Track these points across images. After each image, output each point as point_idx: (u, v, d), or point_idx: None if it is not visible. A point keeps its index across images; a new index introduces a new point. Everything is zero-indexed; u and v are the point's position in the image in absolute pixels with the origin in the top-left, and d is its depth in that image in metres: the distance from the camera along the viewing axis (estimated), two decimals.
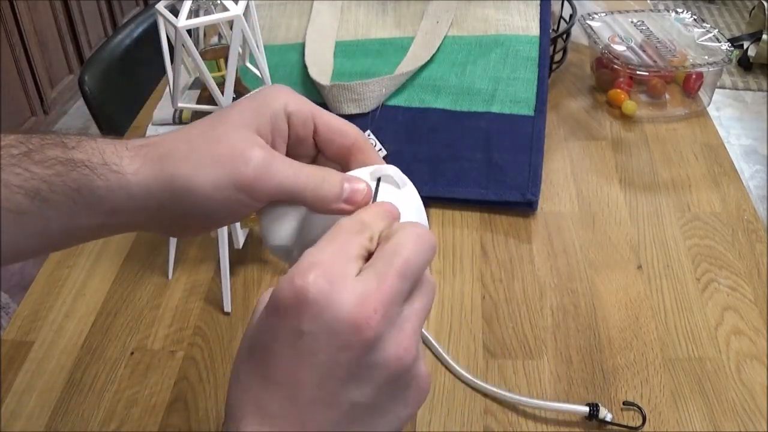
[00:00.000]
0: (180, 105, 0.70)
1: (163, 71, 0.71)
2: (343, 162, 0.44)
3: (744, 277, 0.77)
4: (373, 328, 0.33)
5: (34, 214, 0.39)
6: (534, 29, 0.98)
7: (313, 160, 0.45)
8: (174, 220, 0.42)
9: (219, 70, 0.75)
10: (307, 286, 0.32)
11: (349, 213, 0.40)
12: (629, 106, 1.01)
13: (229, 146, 0.40)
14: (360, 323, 0.33)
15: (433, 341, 0.70)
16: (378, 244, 0.36)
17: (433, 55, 0.98)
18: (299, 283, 0.33)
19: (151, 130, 0.96)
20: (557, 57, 1.08)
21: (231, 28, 0.68)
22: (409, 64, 0.97)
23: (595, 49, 1.06)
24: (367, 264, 0.35)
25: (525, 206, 0.85)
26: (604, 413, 0.63)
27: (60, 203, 0.40)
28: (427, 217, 0.44)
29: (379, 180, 0.42)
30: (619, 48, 1.03)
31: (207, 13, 0.68)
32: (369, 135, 0.58)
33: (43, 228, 0.40)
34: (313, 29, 1.03)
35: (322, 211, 0.41)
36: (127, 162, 0.40)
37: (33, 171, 0.39)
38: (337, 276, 0.33)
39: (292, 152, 0.44)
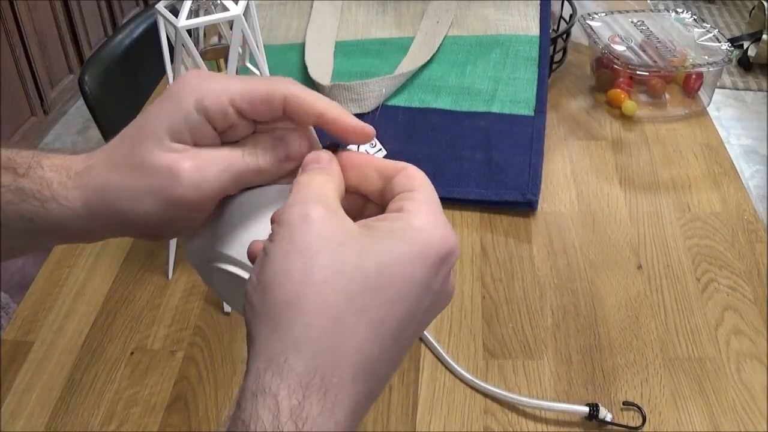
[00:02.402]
0: None
1: (163, 71, 0.71)
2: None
3: (744, 277, 0.77)
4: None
5: None
6: (534, 29, 0.98)
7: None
8: (128, 235, 0.42)
9: (219, 70, 0.75)
10: (454, 243, 0.34)
11: (294, 168, 0.40)
12: (629, 106, 1.01)
13: (155, 171, 0.38)
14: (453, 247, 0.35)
15: (433, 341, 0.70)
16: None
17: (433, 55, 0.98)
18: (452, 240, 0.34)
19: None
20: (557, 57, 1.08)
21: (231, 28, 0.68)
22: (409, 64, 0.97)
23: (595, 49, 1.06)
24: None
25: (525, 206, 0.85)
26: (604, 413, 0.63)
27: (18, 228, 0.40)
28: None
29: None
30: (619, 48, 1.03)
31: (207, 13, 0.68)
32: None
33: (7, 241, 0.41)
34: (313, 29, 1.03)
35: (269, 181, 0.40)
36: (73, 196, 0.39)
37: None
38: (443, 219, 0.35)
39: (242, 134, 0.41)
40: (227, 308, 0.74)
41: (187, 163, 0.38)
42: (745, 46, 2.97)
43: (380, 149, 0.82)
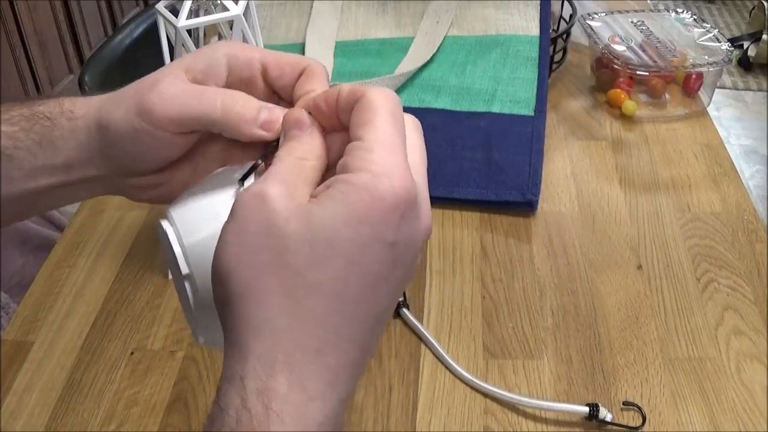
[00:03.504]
0: None
1: None
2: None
3: (744, 277, 0.77)
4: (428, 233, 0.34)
5: None
6: (534, 29, 0.99)
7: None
8: (111, 167, 0.42)
9: None
10: (405, 193, 0.30)
11: (265, 139, 0.38)
12: (629, 106, 1.01)
13: (144, 82, 0.39)
14: (428, 231, 0.33)
15: (433, 341, 0.70)
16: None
17: (433, 55, 0.98)
18: (401, 189, 0.30)
19: None
20: (557, 57, 1.08)
21: (231, 28, 0.68)
22: (409, 64, 0.97)
23: (595, 49, 1.06)
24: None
25: (525, 206, 0.85)
26: (604, 413, 0.63)
27: (23, 160, 0.40)
28: None
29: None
30: (619, 48, 1.03)
31: (207, 13, 0.68)
32: None
33: (6, 191, 0.41)
34: (313, 29, 1.03)
35: (235, 136, 0.39)
36: (78, 108, 0.41)
37: (1, 129, 0.40)
38: (417, 182, 0.32)
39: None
40: None
41: (168, 79, 0.39)
42: (745, 46, 2.97)
43: None
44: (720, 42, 1.05)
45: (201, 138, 0.42)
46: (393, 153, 0.31)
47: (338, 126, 0.35)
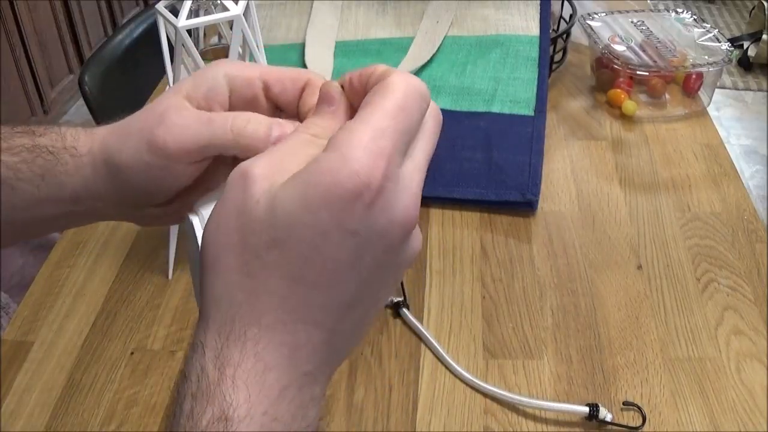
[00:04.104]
0: None
1: (163, 71, 0.71)
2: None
3: (744, 277, 0.77)
4: (413, 234, 0.32)
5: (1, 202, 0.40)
6: (534, 29, 0.98)
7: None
8: (123, 201, 0.42)
9: None
10: (376, 183, 0.29)
11: None
12: (629, 106, 1.01)
13: (150, 114, 0.39)
14: (408, 229, 0.31)
15: (433, 341, 0.70)
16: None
17: (433, 55, 0.98)
18: (366, 176, 0.29)
19: None
20: (557, 57, 1.08)
21: (231, 28, 0.68)
22: (409, 64, 0.97)
23: (595, 49, 1.06)
24: (407, 155, 0.33)
25: (525, 206, 0.85)
26: (604, 413, 0.63)
27: (26, 191, 0.40)
28: (427, 216, 0.44)
29: None
30: (619, 48, 1.03)
31: (207, 13, 0.68)
32: None
33: (9, 217, 0.41)
34: (313, 29, 1.03)
35: (250, 155, 0.37)
36: (81, 145, 0.41)
37: (1, 159, 0.40)
38: (395, 173, 0.30)
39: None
40: None
41: (176, 111, 0.39)
42: (745, 46, 2.97)
43: None
44: (720, 42, 1.05)
45: (212, 161, 0.42)
46: (374, 138, 0.30)
47: None
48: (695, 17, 1.12)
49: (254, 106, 0.41)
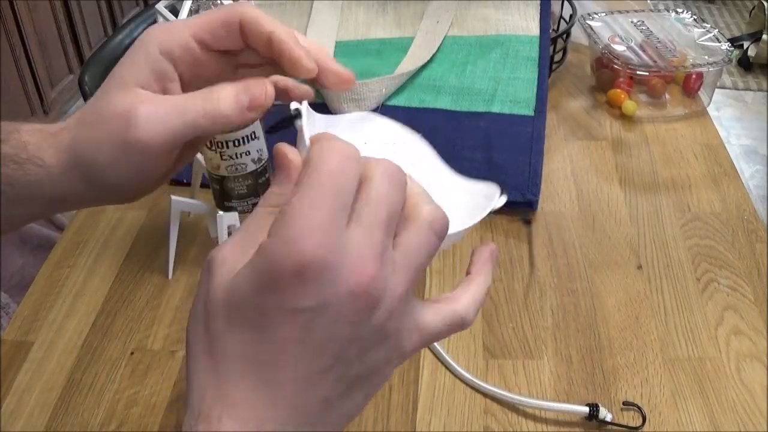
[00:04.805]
0: None
1: None
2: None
3: (744, 277, 0.77)
4: (371, 296, 0.31)
5: None
6: (534, 29, 0.99)
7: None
8: (101, 199, 0.43)
9: None
10: (308, 259, 0.29)
11: (255, 119, 0.39)
12: (629, 106, 1.01)
13: (113, 116, 0.39)
14: (357, 294, 0.31)
15: None
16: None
17: (433, 55, 0.98)
18: (300, 256, 0.29)
19: None
20: (557, 57, 1.08)
21: None
22: (409, 63, 0.97)
23: (595, 49, 1.06)
24: (352, 220, 0.32)
25: (525, 206, 0.85)
26: (604, 413, 0.63)
27: None
28: None
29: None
30: (619, 48, 1.03)
31: None
32: None
33: None
34: (313, 29, 1.03)
35: (230, 130, 0.40)
36: (48, 155, 0.41)
37: None
38: (334, 242, 0.30)
39: (210, 76, 0.42)
40: None
41: (143, 106, 0.39)
42: (745, 46, 2.97)
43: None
44: (720, 42, 1.05)
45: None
46: (305, 217, 0.30)
47: None
48: (695, 17, 1.12)
49: (204, 66, 0.41)
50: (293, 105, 0.37)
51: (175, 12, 0.65)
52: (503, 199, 0.41)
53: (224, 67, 0.42)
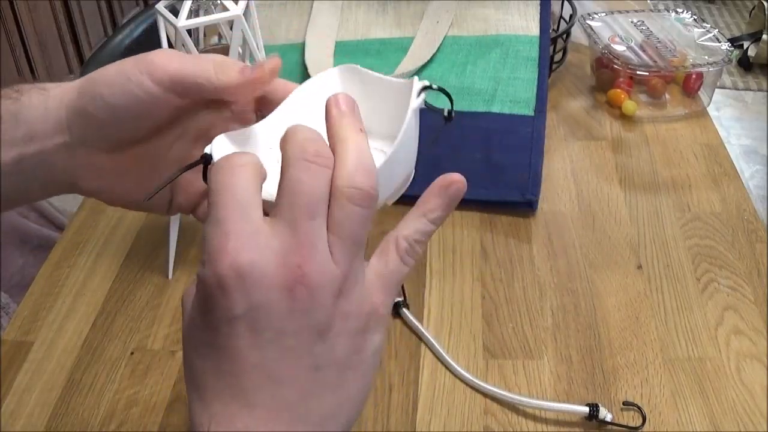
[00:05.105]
0: None
1: None
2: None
3: (744, 277, 0.77)
4: (305, 286, 0.32)
5: None
6: (534, 29, 0.98)
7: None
8: (84, 136, 0.44)
9: None
10: (225, 271, 0.31)
11: (252, 93, 0.43)
12: (629, 106, 1.01)
13: (138, 59, 0.43)
14: (290, 286, 0.31)
15: (433, 341, 0.70)
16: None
17: (433, 55, 0.98)
18: (218, 270, 0.32)
19: None
20: (557, 57, 1.08)
21: (231, 28, 0.68)
22: (409, 64, 0.97)
23: (595, 49, 1.06)
24: (273, 213, 0.33)
25: (525, 206, 0.85)
26: (604, 413, 0.63)
27: None
28: None
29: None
30: (619, 48, 1.03)
31: (207, 13, 0.68)
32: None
33: None
34: (313, 29, 1.03)
35: (226, 96, 0.43)
36: (52, 86, 0.44)
37: None
38: (250, 245, 0.32)
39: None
40: None
41: (164, 55, 0.43)
42: (745, 46, 2.97)
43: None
44: (720, 42, 1.05)
45: (180, 118, 0.45)
46: (214, 234, 0.33)
47: None
48: (695, 17, 1.12)
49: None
50: (206, 149, 0.39)
51: (175, 12, 0.65)
52: (420, 84, 0.43)
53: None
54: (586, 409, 0.63)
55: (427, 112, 0.93)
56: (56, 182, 0.45)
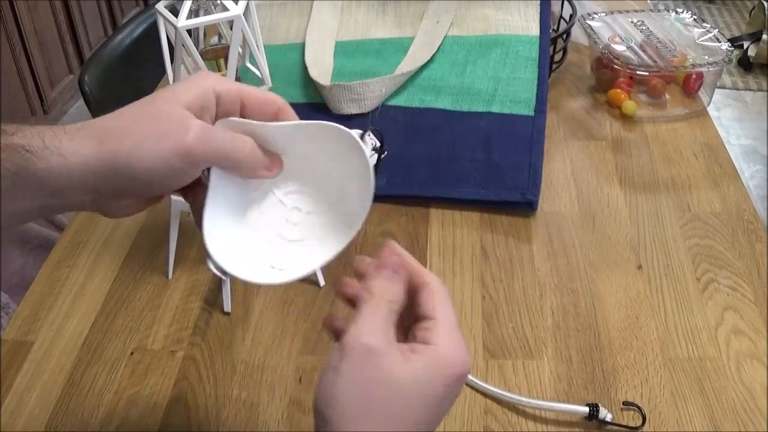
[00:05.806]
0: None
1: (163, 71, 0.72)
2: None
3: (744, 277, 0.77)
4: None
5: None
6: (534, 29, 0.98)
7: None
8: (112, 196, 0.45)
9: (219, 70, 0.75)
10: (468, 359, 0.44)
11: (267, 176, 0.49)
12: (629, 106, 1.01)
13: (168, 119, 0.44)
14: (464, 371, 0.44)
15: None
16: None
17: (433, 55, 0.98)
18: (467, 359, 0.44)
19: None
20: (557, 57, 1.08)
21: (231, 28, 0.68)
22: (409, 64, 0.97)
23: (595, 49, 1.06)
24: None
25: (525, 206, 0.85)
26: (604, 413, 0.63)
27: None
28: (427, 216, 0.45)
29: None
30: (619, 48, 1.03)
31: (207, 13, 0.68)
32: (369, 135, 0.59)
33: None
34: (313, 29, 1.03)
35: (250, 175, 0.48)
36: (66, 144, 0.43)
37: None
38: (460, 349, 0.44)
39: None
40: (227, 308, 0.74)
41: (199, 122, 0.44)
42: (745, 46, 2.97)
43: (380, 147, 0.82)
44: (720, 42, 1.05)
45: None
46: (457, 331, 0.45)
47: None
48: (695, 17, 1.12)
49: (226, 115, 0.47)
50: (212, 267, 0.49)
51: (175, 12, 0.65)
52: (356, 132, 0.48)
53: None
54: (586, 409, 0.63)
55: (427, 112, 0.93)
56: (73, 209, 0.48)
